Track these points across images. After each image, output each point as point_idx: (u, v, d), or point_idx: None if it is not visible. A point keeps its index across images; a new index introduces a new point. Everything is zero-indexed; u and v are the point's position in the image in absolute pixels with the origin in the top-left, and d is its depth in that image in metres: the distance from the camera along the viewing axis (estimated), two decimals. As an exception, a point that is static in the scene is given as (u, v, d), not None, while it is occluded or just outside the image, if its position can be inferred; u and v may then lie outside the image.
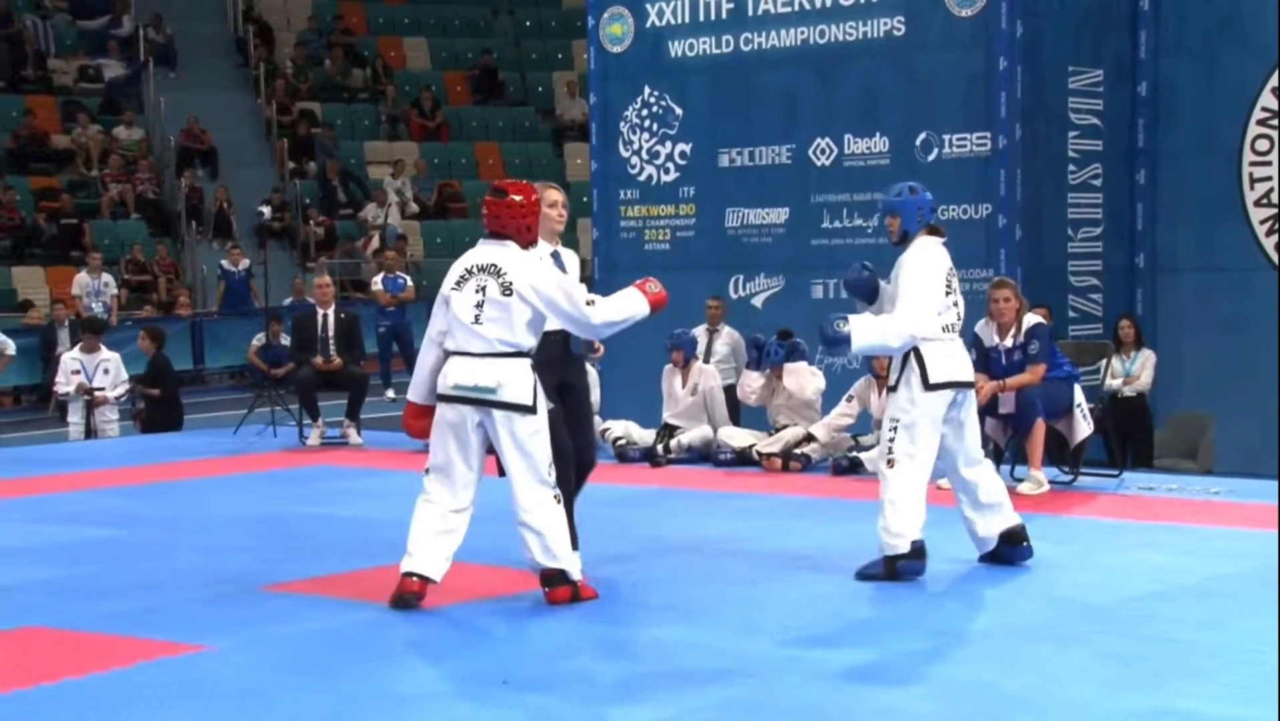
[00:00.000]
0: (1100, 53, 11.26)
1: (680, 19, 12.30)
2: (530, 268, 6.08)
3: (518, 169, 24.95)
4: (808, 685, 5.06)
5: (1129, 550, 7.29)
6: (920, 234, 6.61)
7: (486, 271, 6.07)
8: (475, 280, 6.08)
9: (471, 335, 6.03)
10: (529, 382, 6.04)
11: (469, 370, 6.02)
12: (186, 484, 10.01)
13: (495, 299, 6.01)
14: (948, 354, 6.52)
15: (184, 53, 23.92)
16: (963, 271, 10.78)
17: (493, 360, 6.00)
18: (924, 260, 6.53)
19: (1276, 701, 4.68)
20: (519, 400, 6.00)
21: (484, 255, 6.14)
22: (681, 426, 10.74)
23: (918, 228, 6.61)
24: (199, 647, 5.53)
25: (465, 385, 6.02)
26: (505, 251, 6.11)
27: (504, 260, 6.07)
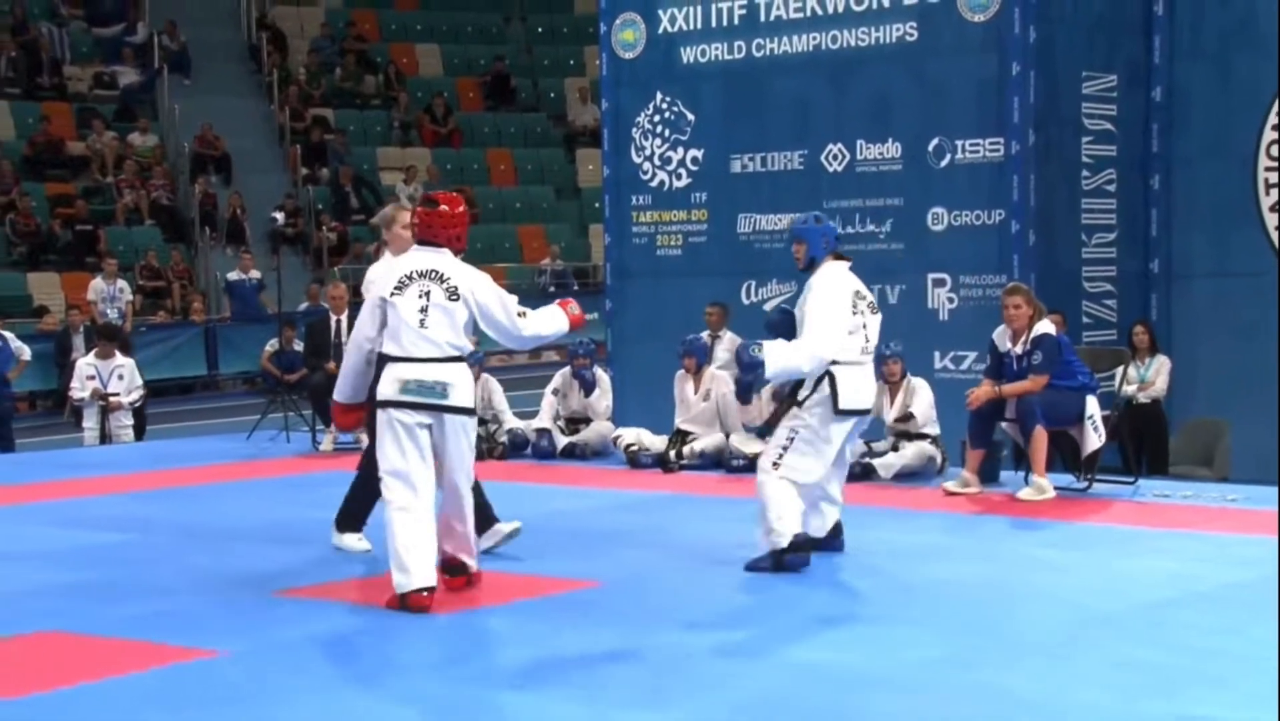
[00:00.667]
0: (1114, 57, 11.24)
1: (692, 25, 12.31)
2: (471, 274, 6.34)
3: (530, 175, 25.03)
4: (818, 689, 5.05)
5: (1144, 557, 7.27)
6: (826, 259, 7.01)
7: (428, 277, 6.22)
8: (417, 285, 6.21)
9: (419, 339, 6.18)
10: (470, 384, 6.32)
11: (421, 374, 6.15)
12: (200, 489, 10.03)
13: (441, 303, 6.20)
14: (858, 380, 6.91)
15: (198, 60, 24.01)
16: (976, 277, 10.91)
17: (441, 364, 6.18)
18: (827, 285, 6.93)
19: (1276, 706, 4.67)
20: (466, 403, 6.26)
21: (422, 261, 6.30)
22: (694, 432, 10.73)
23: (823, 253, 7.01)
24: (212, 652, 5.54)
25: (414, 387, 6.13)
26: (443, 258, 6.31)
27: (445, 266, 6.27)
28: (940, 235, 11.03)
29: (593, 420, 11.39)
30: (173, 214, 21.58)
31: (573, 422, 11.43)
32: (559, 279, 22.58)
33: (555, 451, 11.17)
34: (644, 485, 9.94)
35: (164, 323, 18.95)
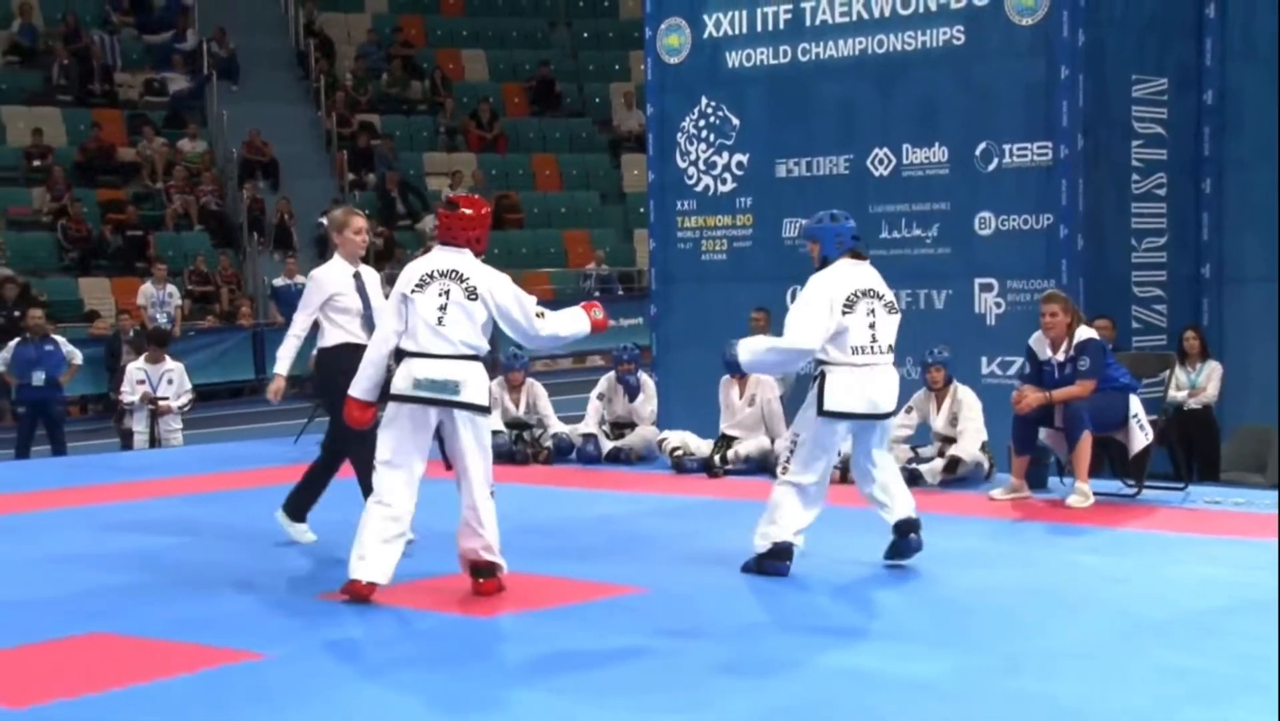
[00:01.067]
0: (1165, 60, 11.14)
1: (738, 30, 12.29)
2: (491, 275, 6.44)
3: (575, 180, 25.06)
4: (859, 695, 5.03)
5: (1193, 563, 7.20)
6: (841, 258, 6.88)
7: (448, 276, 6.37)
8: (438, 284, 6.36)
9: (435, 336, 6.32)
10: (484, 383, 6.39)
11: (432, 370, 6.29)
12: (248, 492, 10.10)
13: (460, 302, 6.33)
14: (850, 382, 6.73)
15: (246, 66, 24.21)
16: (1024, 281, 10.83)
17: (455, 361, 6.31)
18: (814, 284, 6.82)
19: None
20: (479, 400, 6.33)
21: (443, 261, 6.45)
22: (739, 437, 10.71)
23: (837, 253, 6.90)
24: (259, 655, 5.57)
25: (426, 384, 6.29)
26: (464, 258, 6.45)
27: (465, 266, 6.41)
28: (987, 240, 10.96)
29: (637, 425, 11.39)
30: (221, 219, 21.75)
31: (618, 427, 11.44)
32: (603, 284, 22.61)
33: (600, 456, 11.19)
34: (689, 490, 9.93)
35: (212, 327, 19.11)
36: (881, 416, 6.89)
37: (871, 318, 6.78)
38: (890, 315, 6.88)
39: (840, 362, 6.74)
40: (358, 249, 7.62)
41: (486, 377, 6.44)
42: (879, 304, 6.83)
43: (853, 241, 6.95)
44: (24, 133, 21.45)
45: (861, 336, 6.76)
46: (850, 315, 6.73)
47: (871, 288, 6.86)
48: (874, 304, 6.81)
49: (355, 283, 7.57)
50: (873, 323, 6.79)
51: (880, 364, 6.81)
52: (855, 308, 6.76)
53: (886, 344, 6.84)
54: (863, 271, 6.91)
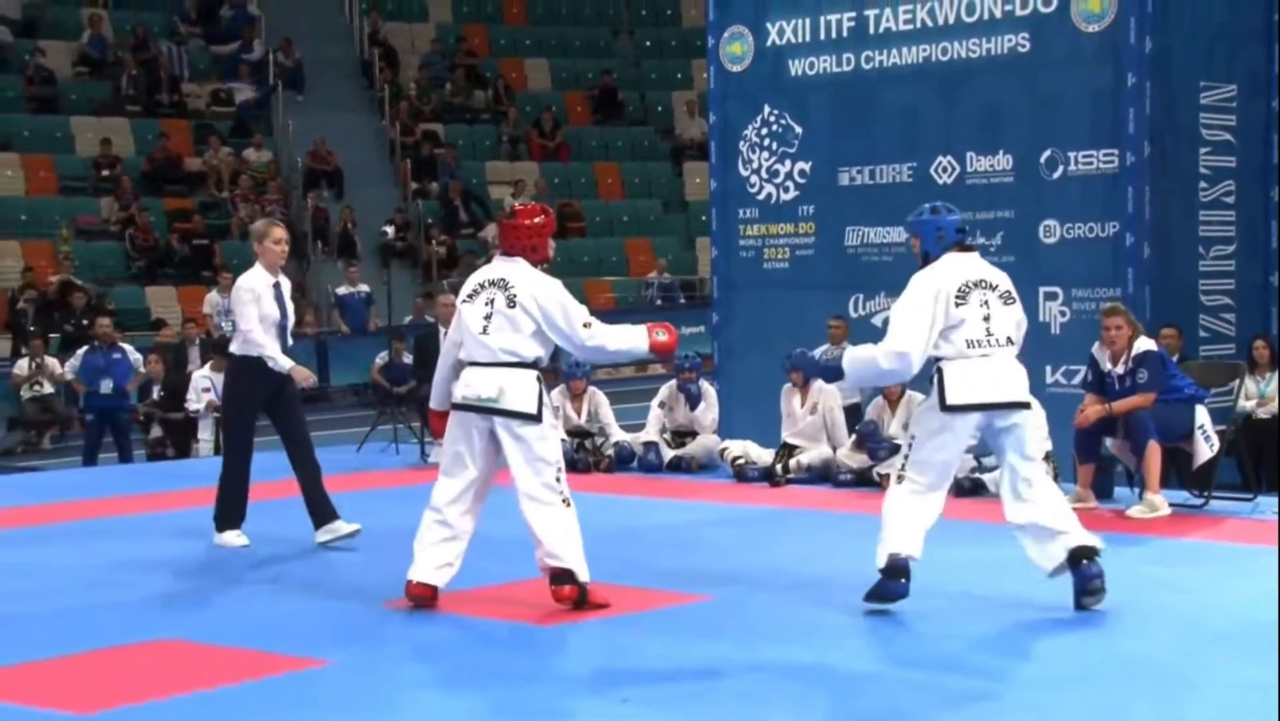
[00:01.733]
0: (1234, 67, 11.00)
1: (801, 38, 12.26)
2: (538, 282, 6.43)
3: (637, 188, 25.09)
4: (921, 710, 5.00)
5: (1261, 575, 7.08)
6: (947, 253, 6.43)
7: (496, 285, 6.46)
8: (486, 293, 6.47)
9: (479, 345, 6.41)
10: (533, 392, 6.34)
11: (475, 379, 6.37)
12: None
13: (502, 310, 6.39)
14: (971, 374, 6.27)
15: (311, 76, 24.43)
16: (1089, 290, 10.73)
17: (497, 370, 6.35)
18: (917, 281, 6.40)
19: None
20: (521, 408, 6.31)
21: (495, 271, 6.54)
22: (800, 446, 10.68)
23: (938, 248, 6.45)
24: (322, 662, 5.62)
25: (470, 394, 6.37)
26: (514, 267, 6.49)
27: (512, 275, 6.46)
28: (1052, 248, 10.86)
29: (699, 433, 11.38)
30: (286, 228, 21.92)
31: (679, 436, 11.43)
32: (666, 292, 22.61)
33: (662, 464, 11.19)
34: (751, 499, 9.90)
35: (277, 335, 19.26)
36: (1012, 406, 6.32)
37: (986, 309, 6.32)
38: (1007, 306, 6.39)
39: (955, 357, 6.30)
40: (278, 259, 8.02)
41: (535, 386, 6.35)
42: (993, 295, 6.36)
43: (956, 235, 6.49)
44: (93, 143, 21.75)
45: (976, 329, 6.31)
46: (964, 307, 6.30)
47: (984, 278, 6.40)
48: (987, 295, 6.35)
49: (274, 292, 7.94)
50: (987, 315, 6.32)
51: (998, 355, 6.33)
52: (968, 299, 6.31)
53: (1005, 335, 6.36)
54: (972, 262, 6.47)
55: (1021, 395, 6.36)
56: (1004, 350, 6.35)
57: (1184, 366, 9.48)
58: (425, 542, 6.49)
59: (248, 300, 7.93)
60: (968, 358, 6.30)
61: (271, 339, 7.92)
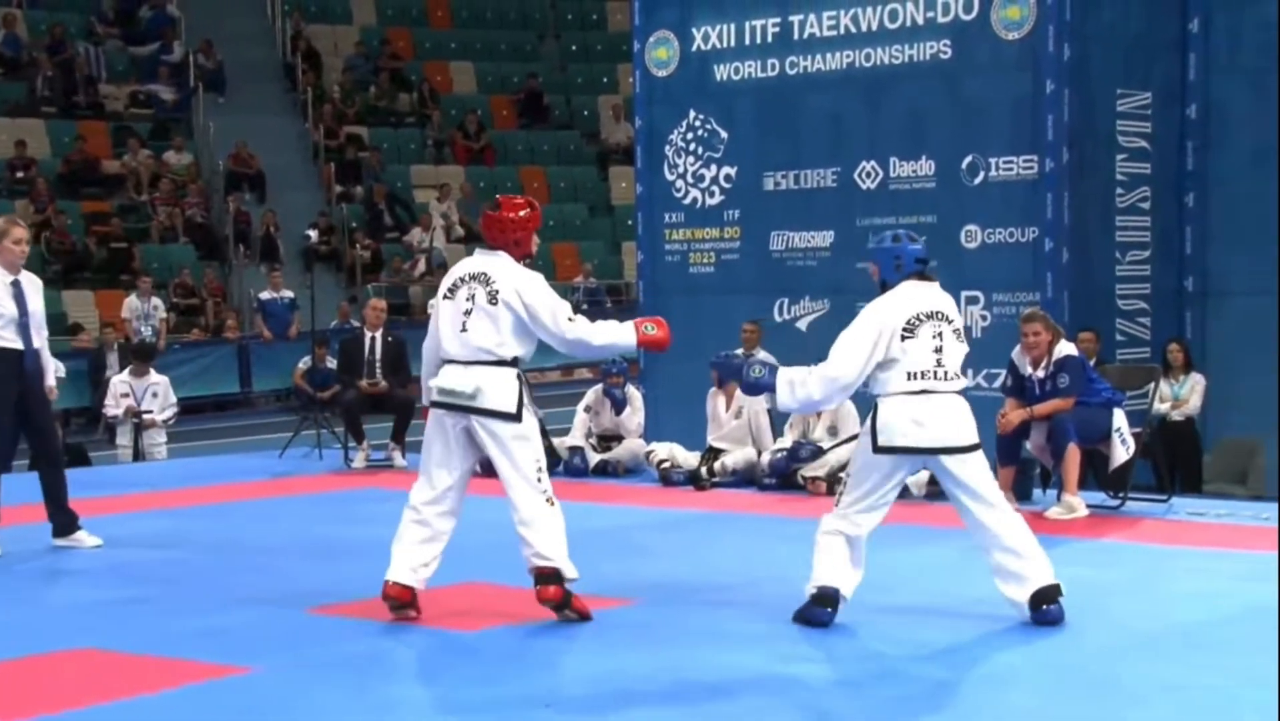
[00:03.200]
0: (1149, 75, 11.19)
1: (726, 43, 12.32)
2: (521, 276, 6.28)
3: (563, 193, 25.07)
4: (856, 714, 5.03)
5: (1179, 576, 7.21)
6: (904, 281, 6.22)
7: (477, 280, 6.28)
8: (465, 289, 6.28)
9: (458, 342, 6.24)
10: (512, 390, 6.18)
11: (452, 377, 6.21)
12: (233, 506, 10.08)
13: (483, 306, 6.22)
14: (907, 414, 6.04)
15: (233, 78, 24.18)
16: (1010, 294, 10.86)
17: (475, 367, 6.19)
18: (868, 311, 6.20)
19: None
20: (499, 407, 6.16)
21: (475, 264, 6.37)
22: (726, 449, 10.72)
23: (896, 276, 6.23)
24: (245, 670, 5.55)
25: (447, 390, 6.22)
26: (496, 261, 6.32)
27: (493, 269, 6.28)
28: (974, 252, 11.00)
29: (625, 437, 11.39)
30: (207, 232, 21.71)
31: (605, 440, 11.44)
32: (592, 296, 22.60)
33: (588, 469, 11.18)
34: (676, 502, 9.93)
35: (197, 340, 19.06)
36: (948, 451, 6.09)
37: (938, 341, 6.10)
38: (959, 343, 6.18)
39: (894, 392, 6.08)
40: (17, 258, 7.97)
41: (515, 384, 6.17)
42: (948, 328, 6.14)
43: (915, 265, 6.24)
44: (7, 145, 21.38)
45: (924, 360, 6.07)
46: (911, 340, 6.07)
47: (940, 310, 6.17)
48: (941, 326, 6.12)
49: (13, 290, 7.94)
50: (939, 346, 6.10)
51: (943, 391, 6.10)
52: (918, 331, 6.09)
53: (954, 369, 6.14)
54: (929, 293, 6.23)
55: (964, 440, 6.13)
56: (950, 384, 6.14)
57: (1101, 370, 9.63)
58: (404, 543, 6.32)
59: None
60: (908, 392, 6.07)
61: (13, 335, 7.95)
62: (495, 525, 6.60)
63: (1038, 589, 6.10)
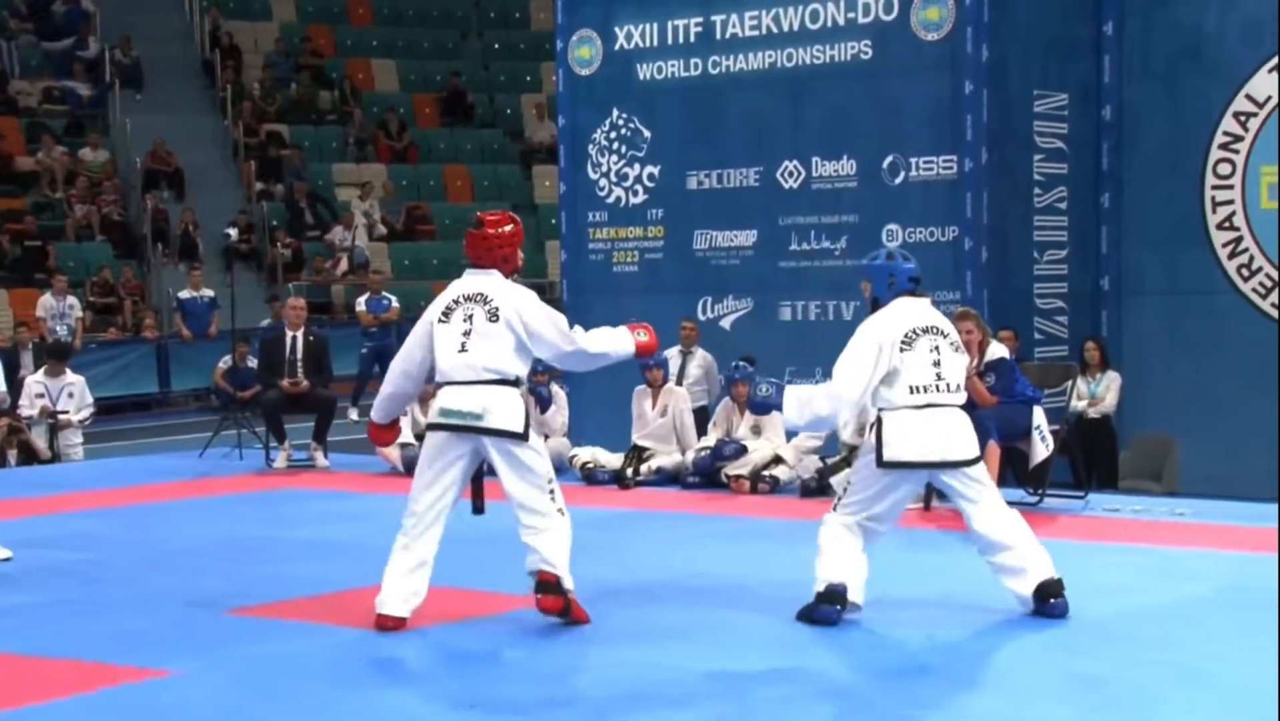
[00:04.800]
0: (1065, 77, 11.35)
1: (649, 42, 12.34)
2: (518, 295, 6.21)
3: (486, 191, 24.98)
4: (783, 708, 5.06)
5: (1095, 571, 7.31)
6: (897, 299, 6.33)
7: (473, 300, 6.18)
8: (463, 309, 6.18)
9: (458, 363, 6.12)
10: (519, 410, 6.10)
11: (456, 397, 6.09)
12: (152, 507, 9.94)
13: (483, 326, 6.12)
14: (910, 427, 6.13)
15: (150, 75, 23.87)
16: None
17: (479, 387, 6.08)
18: (865, 327, 6.31)
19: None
20: (508, 427, 6.06)
21: (470, 285, 6.25)
22: (651, 449, 10.73)
23: (889, 294, 6.34)
24: (164, 672, 5.48)
25: (452, 411, 6.09)
26: (490, 280, 6.23)
27: (490, 289, 6.19)
28: (895, 252, 11.09)
29: (549, 436, 11.36)
30: (124, 230, 21.41)
31: (528, 439, 11.40)
32: (515, 295, 22.49)
33: (511, 468, 11.13)
34: (600, 502, 9.92)
35: (115, 339, 18.79)
36: (952, 465, 6.18)
37: (936, 355, 6.19)
38: (957, 354, 6.27)
39: (898, 406, 6.16)
40: None
41: (520, 403, 6.08)
42: (944, 341, 6.24)
43: (908, 284, 6.34)
44: (-81, 141, 20.99)
45: (924, 375, 6.16)
46: (909, 352, 6.16)
47: (935, 325, 6.28)
48: (938, 340, 6.22)
49: None
50: (937, 360, 6.18)
51: (946, 404, 6.18)
52: (915, 345, 6.18)
53: (955, 382, 6.23)
54: (922, 308, 6.35)
55: (967, 454, 6.21)
56: (952, 397, 6.22)
57: (1020, 368, 9.75)
58: (396, 572, 6.16)
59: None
60: (912, 406, 6.16)
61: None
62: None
63: (1041, 581, 6.24)
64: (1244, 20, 10.89)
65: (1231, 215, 10.98)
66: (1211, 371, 10.91)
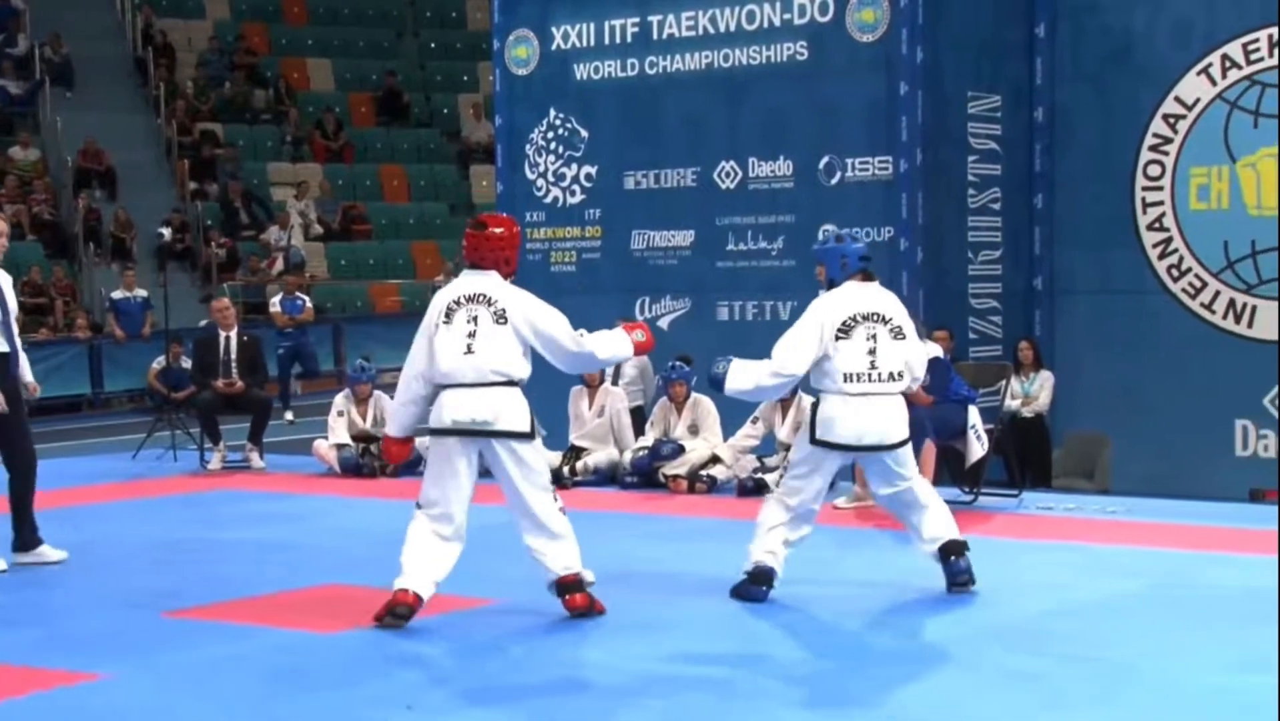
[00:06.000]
0: (998, 78, 11.47)
1: (586, 42, 12.34)
2: (524, 300, 6.21)
3: (423, 191, 24.88)
4: (721, 704, 5.08)
5: (1029, 569, 7.40)
6: (850, 280, 6.51)
7: (476, 301, 6.14)
8: (465, 310, 6.14)
9: (463, 365, 6.08)
10: (524, 409, 6.12)
11: (464, 402, 6.06)
12: (85, 509, 9.82)
13: (488, 328, 6.09)
14: (843, 413, 6.38)
15: (82, 72, 23.56)
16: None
17: (486, 390, 6.07)
18: (814, 307, 6.51)
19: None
20: (516, 428, 6.09)
21: (471, 285, 6.21)
22: (588, 448, 10.74)
23: (842, 275, 6.52)
24: (95, 676, 5.42)
25: (462, 419, 6.07)
26: (491, 281, 6.21)
27: (493, 290, 6.17)
28: (831, 252, 11.14)
29: (486, 437, 11.33)
30: (55, 229, 21.12)
31: (466, 440, 11.36)
32: (452, 296, 22.39)
33: (449, 469, 11.09)
34: (538, 502, 9.90)
35: (47, 340, 18.53)
36: (876, 449, 6.47)
37: (872, 343, 6.38)
38: (895, 340, 6.44)
39: (832, 391, 6.41)
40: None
41: (524, 403, 6.12)
42: (883, 328, 6.41)
43: (860, 263, 6.53)
44: None
45: (858, 362, 6.37)
46: (845, 340, 6.37)
47: (876, 311, 6.45)
48: (876, 328, 6.40)
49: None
50: (873, 349, 6.38)
51: (878, 393, 6.38)
52: (852, 333, 6.38)
53: (888, 371, 6.41)
54: (868, 294, 6.51)
55: (889, 438, 6.45)
56: (886, 385, 6.41)
57: (955, 368, 9.84)
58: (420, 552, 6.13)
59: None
60: (845, 393, 6.38)
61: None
62: (350, 531, 6.53)
63: (945, 541, 6.62)
64: (1172, 23, 11.05)
65: (1161, 216, 11.14)
66: (1143, 371, 11.06)
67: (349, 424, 11.28)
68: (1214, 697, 5.07)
